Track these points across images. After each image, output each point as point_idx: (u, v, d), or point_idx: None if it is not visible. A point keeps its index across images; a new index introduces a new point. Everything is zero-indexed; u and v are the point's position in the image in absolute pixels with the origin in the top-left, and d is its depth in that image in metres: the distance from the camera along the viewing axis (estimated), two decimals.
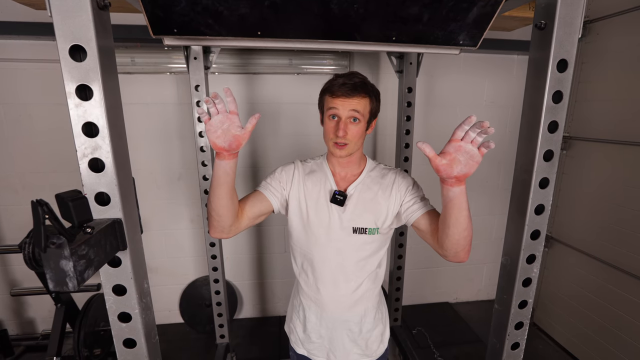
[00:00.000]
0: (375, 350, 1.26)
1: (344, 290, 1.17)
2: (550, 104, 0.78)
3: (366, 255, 1.15)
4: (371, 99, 1.07)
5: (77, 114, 0.63)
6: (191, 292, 2.74)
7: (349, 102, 1.03)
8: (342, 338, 1.22)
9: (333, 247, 1.14)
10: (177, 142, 2.43)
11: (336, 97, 1.04)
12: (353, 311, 1.20)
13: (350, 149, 1.08)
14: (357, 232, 1.13)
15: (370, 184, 1.15)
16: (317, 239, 1.15)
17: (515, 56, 2.61)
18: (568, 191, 2.52)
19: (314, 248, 1.16)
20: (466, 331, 2.78)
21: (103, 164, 0.67)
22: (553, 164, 0.84)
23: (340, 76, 1.06)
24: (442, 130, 2.68)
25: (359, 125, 1.06)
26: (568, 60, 0.76)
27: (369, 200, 1.13)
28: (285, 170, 1.20)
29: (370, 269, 1.18)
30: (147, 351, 0.80)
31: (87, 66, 0.61)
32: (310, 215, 1.14)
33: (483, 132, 0.82)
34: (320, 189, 1.16)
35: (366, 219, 1.13)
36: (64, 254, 0.56)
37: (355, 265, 1.15)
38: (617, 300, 2.17)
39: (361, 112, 1.04)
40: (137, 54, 2.18)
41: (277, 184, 1.18)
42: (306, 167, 1.21)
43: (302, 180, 1.18)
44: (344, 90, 1.02)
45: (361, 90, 1.03)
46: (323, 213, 1.13)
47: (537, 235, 0.89)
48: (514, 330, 0.97)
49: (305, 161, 1.25)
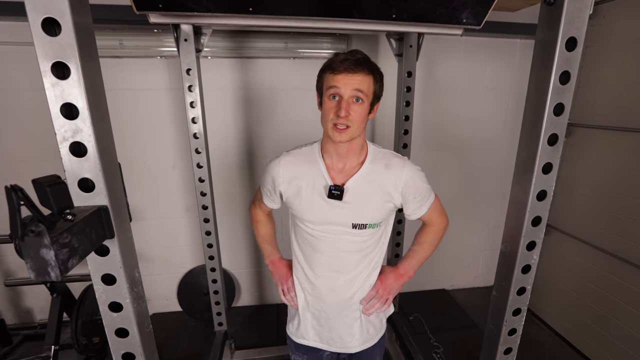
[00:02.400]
0: (374, 337, 1.26)
1: (341, 282, 1.15)
2: (557, 85, 0.74)
3: (365, 247, 1.13)
4: (375, 78, 0.98)
5: (55, 94, 0.59)
6: (189, 280, 2.73)
7: (352, 80, 0.94)
8: (340, 326, 1.21)
9: (331, 241, 1.11)
10: (171, 129, 2.38)
11: (338, 74, 0.94)
12: (351, 301, 1.19)
13: (352, 132, 0.98)
14: (357, 227, 1.08)
15: (372, 177, 1.07)
16: (315, 233, 1.12)
17: (518, 40, 2.55)
18: (567, 178, 2.50)
19: (311, 241, 1.14)
20: (462, 317, 2.80)
21: (85, 148, 0.63)
22: (557, 148, 0.80)
23: (341, 53, 0.97)
24: (441, 117, 2.65)
25: (362, 106, 0.97)
26: (578, 38, 0.72)
27: (369, 194, 1.07)
28: (271, 174, 1.14)
29: (370, 259, 1.16)
30: (140, 340, 0.78)
31: (62, 41, 0.57)
32: (306, 211, 1.10)
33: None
34: (314, 185, 1.08)
35: (366, 215, 1.07)
36: (44, 243, 0.53)
37: (353, 257, 1.13)
38: (614, 288, 2.17)
39: (365, 91, 0.96)
40: (126, 36, 2.10)
41: (271, 188, 1.17)
42: (295, 159, 1.12)
43: (291, 178, 1.11)
44: (346, 65, 0.93)
45: (365, 66, 0.95)
46: (319, 209, 1.08)
47: (539, 221, 0.87)
48: (511, 317, 0.96)
49: (293, 151, 1.15)
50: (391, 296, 1.22)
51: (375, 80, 0.99)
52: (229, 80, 2.34)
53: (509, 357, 1.01)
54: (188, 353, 2.39)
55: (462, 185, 2.83)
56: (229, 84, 2.35)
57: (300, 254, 1.20)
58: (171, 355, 2.37)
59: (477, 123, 2.71)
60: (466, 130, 2.71)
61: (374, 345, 1.26)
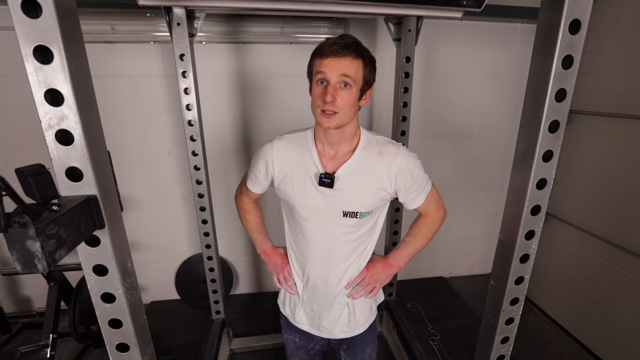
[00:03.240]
0: (362, 324, 1.25)
1: (333, 271, 1.14)
2: (560, 69, 0.72)
3: (358, 236, 1.12)
4: (365, 63, 0.95)
5: (37, 80, 0.57)
6: (186, 269, 2.73)
7: (339, 64, 0.91)
8: (330, 313, 1.21)
9: (322, 230, 1.10)
10: (166, 116, 2.35)
11: (325, 58, 0.92)
12: (342, 291, 1.19)
13: (340, 119, 0.96)
14: (348, 215, 1.06)
15: (364, 164, 1.05)
16: (306, 221, 1.11)
17: (519, 25, 2.50)
18: (567, 166, 2.49)
19: (303, 230, 1.12)
20: (459, 305, 2.82)
21: (72, 136, 0.61)
22: (558, 135, 0.79)
23: (331, 38, 0.94)
24: (440, 104, 2.61)
25: (350, 92, 0.94)
26: (582, 20, 0.69)
27: (360, 182, 1.04)
28: (264, 158, 1.13)
29: (362, 250, 1.15)
30: (134, 331, 0.78)
31: (43, 24, 0.54)
32: (298, 198, 1.08)
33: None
34: (306, 172, 1.07)
35: (357, 203, 1.05)
36: (29, 234, 0.51)
37: (345, 246, 1.12)
38: (612, 276, 2.18)
39: (352, 76, 0.93)
40: (118, 21, 2.05)
41: (261, 172, 1.15)
42: (288, 144, 1.10)
43: (282, 164, 1.10)
44: (333, 49, 0.91)
45: (352, 50, 0.92)
46: (311, 196, 1.06)
47: (538, 210, 0.86)
48: (509, 306, 0.96)
49: (285, 136, 1.13)
50: (378, 285, 1.20)
51: (365, 64, 0.95)
52: (224, 66, 2.30)
53: (506, 346, 1.01)
54: (187, 340, 2.41)
55: (460, 172, 2.82)
56: (224, 70, 2.30)
57: (293, 242, 1.20)
58: (170, 343, 2.39)
59: (476, 110, 2.68)
60: (465, 117, 2.69)
61: (364, 331, 1.25)
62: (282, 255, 1.28)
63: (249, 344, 2.31)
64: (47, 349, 1.90)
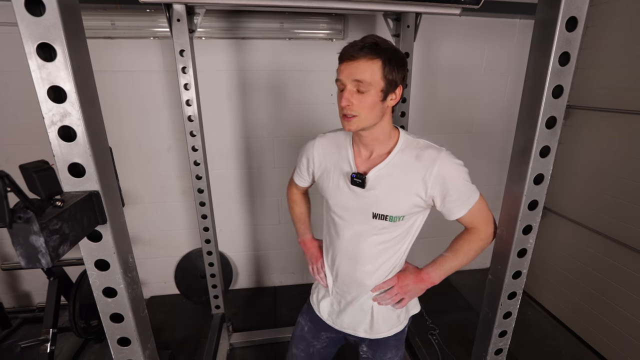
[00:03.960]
0: (386, 331, 1.20)
1: (359, 272, 1.14)
2: (557, 66, 0.73)
3: (386, 240, 1.09)
4: (384, 62, 0.90)
5: (41, 77, 0.57)
6: (186, 263, 2.75)
7: (351, 69, 0.91)
8: (355, 312, 1.20)
9: (352, 229, 1.10)
10: (165, 111, 2.35)
11: (341, 63, 0.93)
12: (368, 293, 1.17)
13: (361, 122, 0.95)
14: (377, 217, 1.05)
15: (399, 167, 1.01)
16: (338, 218, 1.12)
17: (518, 20, 2.50)
18: (565, 161, 2.50)
19: (335, 226, 1.14)
20: (458, 299, 2.85)
21: (74, 132, 0.62)
22: (555, 131, 0.80)
23: (354, 40, 0.93)
24: (439, 99, 2.62)
25: (366, 96, 0.92)
26: (578, 18, 0.70)
27: (393, 186, 1.01)
28: (306, 154, 1.19)
29: (390, 254, 1.12)
30: (136, 325, 0.79)
31: (47, 21, 0.54)
32: (332, 194, 1.11)
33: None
34: (341, 170, 1.09)
35: (388, 206, 1.03)
36: (33, 229, 0.52)
37: (373, 248, 1.10)
38: (609, 270, 2.20)
39: (366, 79, 0.90)
40: (118, 16, 2.04)
41: (304, 167, 1.22)
42: (327, 143, 1.15)
43: (322, 160, 1.15)
44: (349, 52, 0.90)
45: (369, 51, 0.89)
46: (343, 194, 1.08)
47: (535, 205, 0.87)
48: (506, 300, 0.97)
49: (328, 134, 1.17)
50: (407, 297, 1.14)
51: (384, 64, 0.91)
52: (224, 61, 2.29)
53: (504, 340, 1.03)
54: (186, 335, 2.43)
55: None
56: (223, 65, 2.30)
57: (328, 236, 1.22)
58: (170, 337, 2.41)
59: (474, 105, 2.68)
60: (464, 113, 2.69)
61: (386, 338, 1.22)
62: (319, 248, 1.32)
63: (248, 339, 2.32)
64: (47, 344, 1.91)
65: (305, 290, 2.87)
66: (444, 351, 2.28)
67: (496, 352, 1.04)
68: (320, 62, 2.36)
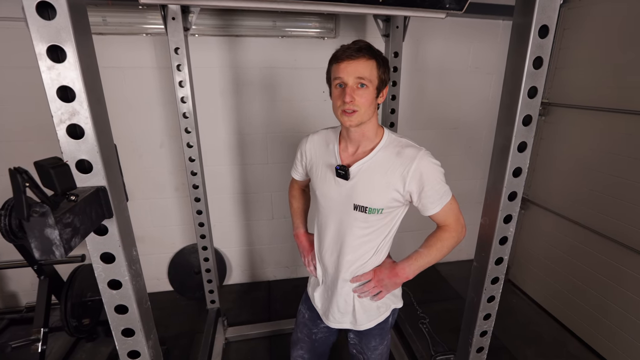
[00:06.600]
0: (367, 322, 1.26)
1: (342, 261, 1.20)
2: (531, 69, 0.80)
3: (366, 233, 1.16)
4: (378, 63, 1.03)
5: (51, 78, 0.60)
6: (179, 260, 2.77)
7: (354, 66, 1.00)
8: (339, 303, 1.26)
9: (335, 219, 1.18)
10: (158, 108, 2.35)
11: (341, 63, 1.01)
12: (349, 284, 1.23)
13: (361, 116, 1.03)
14: (358, 209, 1.12)
15: (380, 163, 1.09)
16: (323, 209, 1.21)
17: (501, 21, 2.57)
18: (545, 156, 2.60)
19: (321, 216, 1.23)
20: (447, 289, 2.93)
21: (82, 130, 0.64)
22: (531, 128, 0.86)
23: (345, 45, 1.03)
24: (427, 96, 2.68)
25: (367, 91, 1.02)
26: (549, 25, 0.77)
27: (373, 179, 1.09)
28: (300, 148, 1.29)
29: (372, 247, 1.18)
30: (140, 316, 0.82)
31: (57, 25, 0.57)
32: (319, 186, 1.20)
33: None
34: (327, 163, 1.17)
35: (368, 198, 1.09)
36: (49, 223, 0.55)
37: (354, 240, 1.17)
38: (588, 259, 2.31)
39: (367, 76, 1.00)
40: (109, 12, 2.03)
41: (298, 160, 1.31)
42: (317, 139, 1.24)
43: (312, 154, 1.24)
44: (347, 53, 1.00)
45: (366, 52, 1.00)
46: (329, 185, 1.17)
47: (514, 196, 0.94)
48: (490, 285, 1.04)
49: (321, 130, 1.27)
50: (384, 290, 1.20)
51: (379, 64, 1.03)
52: (217, 58, 2.31)
53: (488, 322, 1.10)
54: (181, 330, 2.45)
55: (447, 163, 2.85)
56: (216, 62, 2.32)
57: (316, 227, 1.29)
58: (164, 333, 2.43)
59: (461, 102, 2.76)
60: (451, 109, 2.76)
61: (369, 329, 1.27)
62: (310, 241, 1.39)
63: (243, 332, 2.36)
64: (39, 343, 1.88)
65: (299, 283, 2.93)
66: (434, 339, 2.36)
67: (481, 334, 1.11)
68: (312, 60, 2.40)
